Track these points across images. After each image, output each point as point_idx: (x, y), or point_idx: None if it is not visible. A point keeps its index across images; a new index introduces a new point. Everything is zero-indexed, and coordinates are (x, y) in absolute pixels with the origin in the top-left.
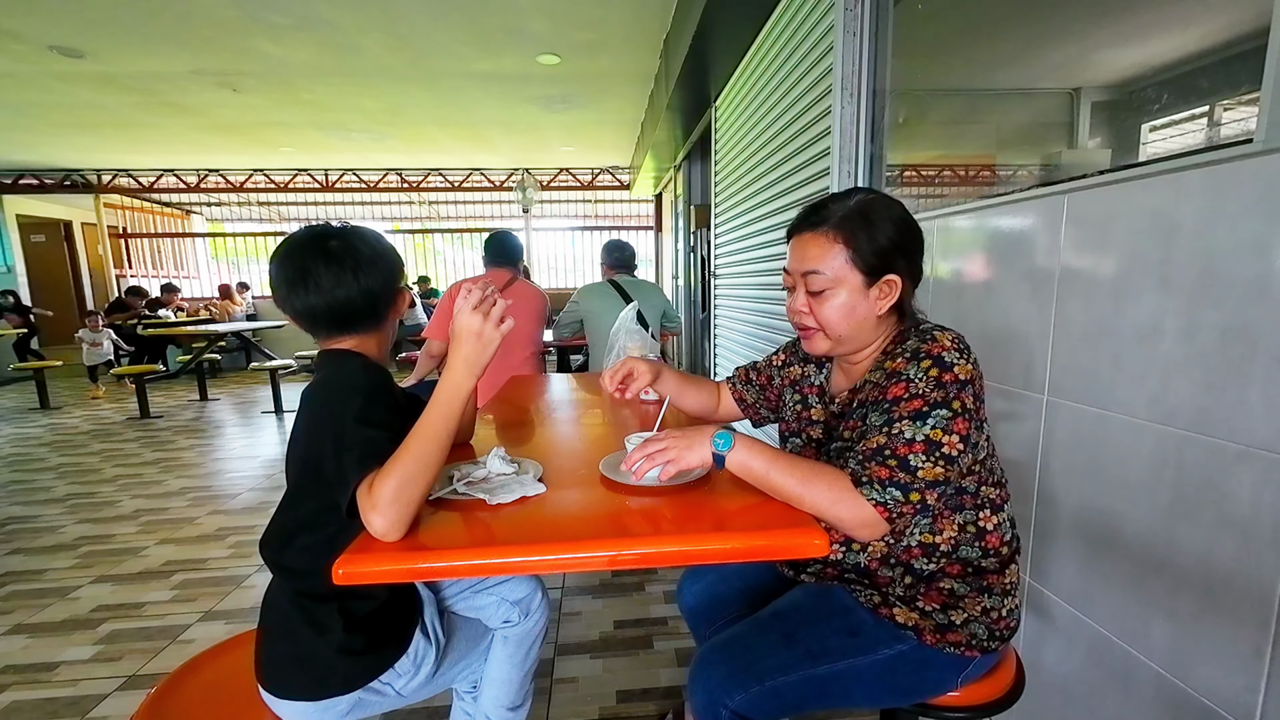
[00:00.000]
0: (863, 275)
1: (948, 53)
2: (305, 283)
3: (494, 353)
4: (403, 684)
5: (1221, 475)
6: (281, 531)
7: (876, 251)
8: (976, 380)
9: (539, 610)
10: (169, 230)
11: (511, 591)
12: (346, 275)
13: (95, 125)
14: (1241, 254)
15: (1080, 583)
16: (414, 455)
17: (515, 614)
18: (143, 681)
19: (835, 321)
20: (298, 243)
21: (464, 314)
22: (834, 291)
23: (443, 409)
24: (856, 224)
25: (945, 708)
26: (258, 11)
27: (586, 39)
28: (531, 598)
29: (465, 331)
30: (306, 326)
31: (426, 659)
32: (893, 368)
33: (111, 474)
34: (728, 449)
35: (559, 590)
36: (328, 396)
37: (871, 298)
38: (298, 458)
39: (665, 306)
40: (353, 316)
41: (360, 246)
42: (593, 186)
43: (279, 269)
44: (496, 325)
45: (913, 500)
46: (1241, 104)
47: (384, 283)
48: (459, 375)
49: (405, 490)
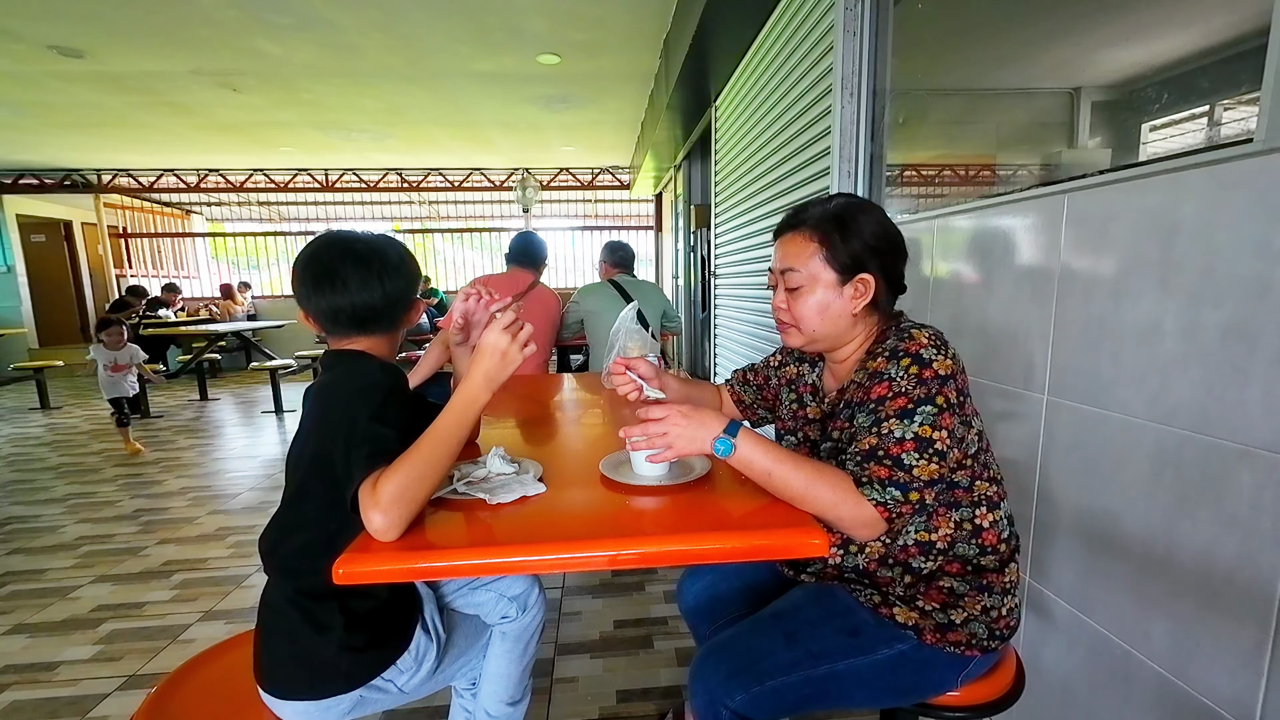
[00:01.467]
0: (836, 274)
1: (948, 52)
2: (333, 282)
3: (510, 374)
4: (404, 680)
5: (1221, 475)
6: (282, 530)
7: (849, 252)
8: (958, 375)
9: (536, 605)
10: (169, 230)
11: (509, 588)
12: (372, 278)
13: (95, 125)
14: (1241, 254)
15: (1080, 582)
16: (423, 458)
17: (513, 609)
18: (143, 681)
19: (808, 317)
20: (326, 244)
21: (494, 332)
22: (809, 289)
23: (457, 417)
24: (832, 225)
25: (945, 707)
26: (258, 11)
27: (586, 39)
28: (529, 593)
29: (492, 349)
30: (325, 325)
31: (428, 655)
32: (874, 368)
33: (111, 474)
34: (729, 452)
35: (559, 590)
36: (345, 393)
37: (845, 296)
38: (305, 455)
39: (665, 306)
40: (373, 318)
41: (388, 252)
42: (593, 186)
43: (306, 267)
44: (521, 348)
45: (912, 500)
46: (1241, 104)
47: (405, 289)
48: (478, 388)
49: (409, 490)
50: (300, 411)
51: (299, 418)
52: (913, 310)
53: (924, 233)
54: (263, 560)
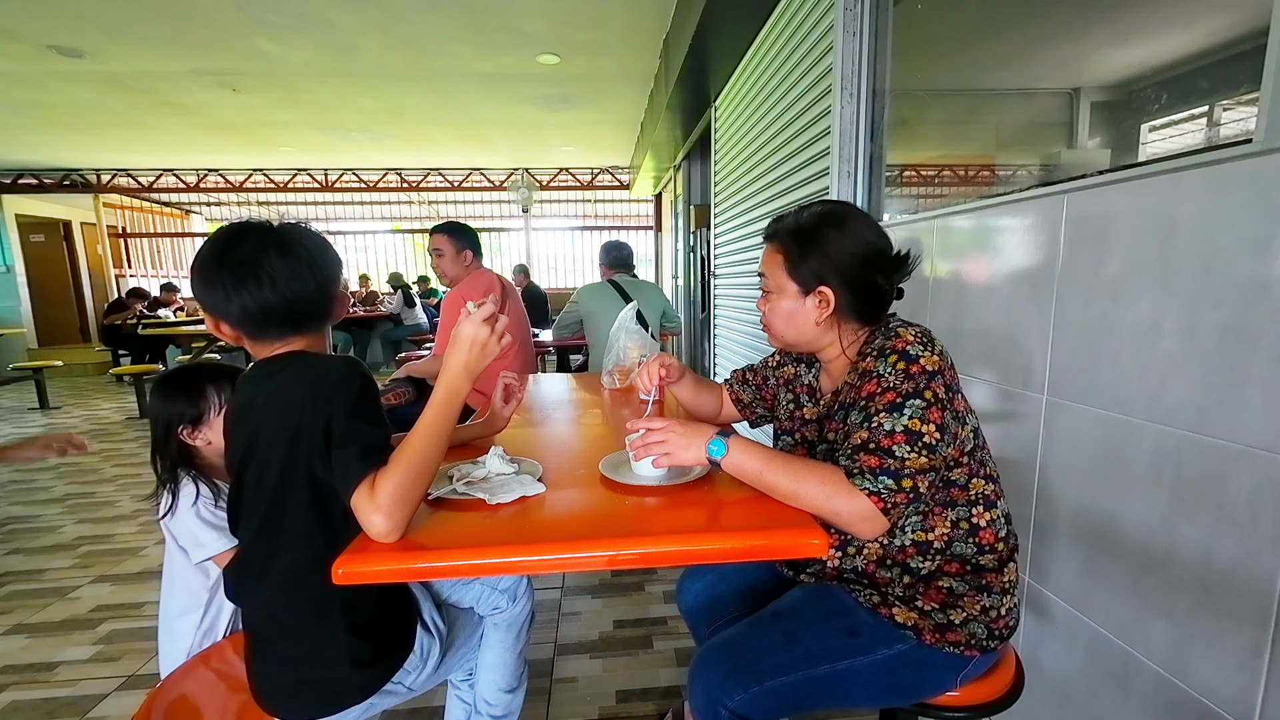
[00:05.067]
0: (797, 286)
1: (947, 52)
2: (258, 276)
3: (487, 364)
4: (413, 680)
5: (1221, 475)
6: (265, 556)
7: (809, 268)
8: (945, 370)
9: (525, 594)
10: (168, 230)
11: (499, 580)
12: (302, 267)
13: (94, 125)
14: (1241, 254)
15: (1080, 582)
16: (418, 455)
17: (504, 600)
18: (143, 681)
19: (777, 324)
20: (238, 234)
21: (471, 324)
22: (777, 297)
23: (442, 409)
24: (793, 240)
25: (945, 707)
26: (258, 11)
27: (586, 39)
28: (518, 584)
29: (471, 340)
30: (251, 329)
31: (432, 652)
32: (864, 367)
33: (111, 474)
34: (722, 454)
35: (558, 590)
36: (305, 395)
37: (809, 306)
38: (269, 475)
39: (665, 306)
40: (309, 312)
41: (310, 238)
42: (592, 186)
43: (218, 265)
44: (499, 339)
45: (905, 487)
46: (1241, 104)
47: (333, 276)
48: (458, 379)
49: (410, 491)
50: (236, 436)
51: (229, 444)
52: (913, 310)
53: (924, 233)
54: (239, 594)
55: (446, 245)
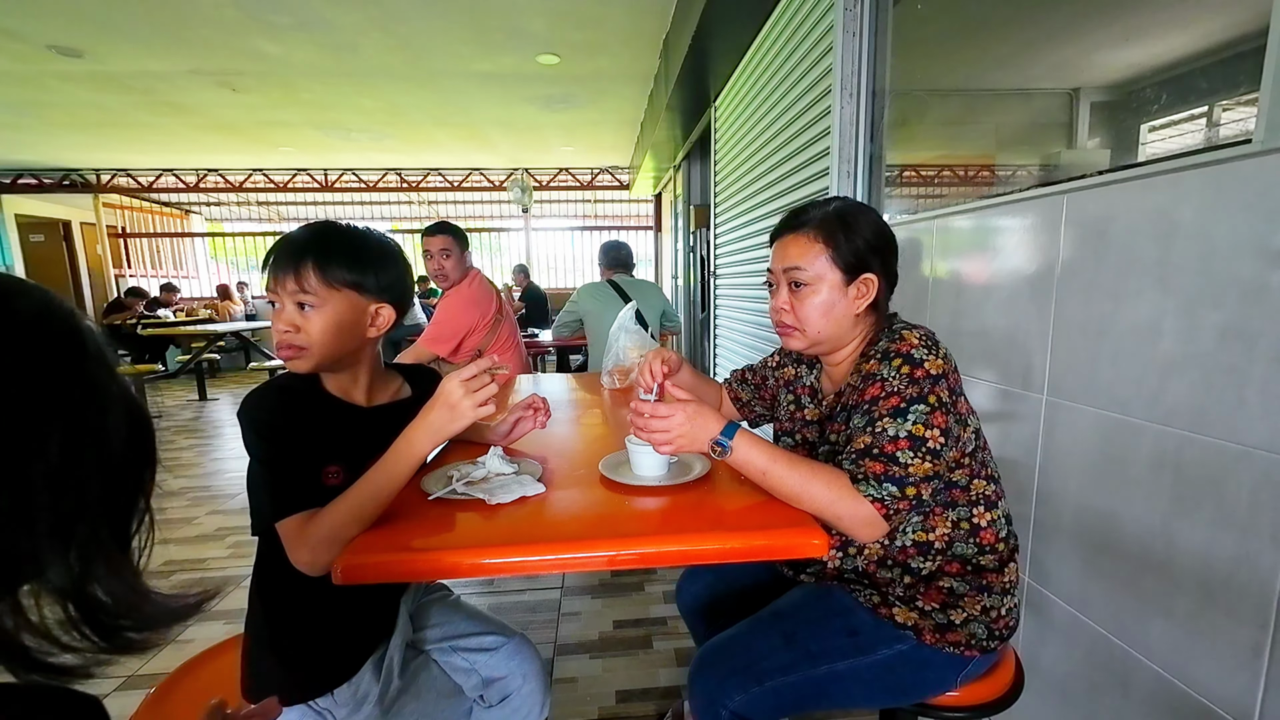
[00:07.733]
0: (841, 273)
1: (947, 53)
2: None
3: (459, 431)
4: (343, 715)
5: (1220, 475)
6: None
7: (854, 251)
8: (950, 374)
9: (523, 697)
10: (168, 230)
11: (488, 665)
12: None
13: (94, 125)
14: (1241, 254)
15: (1079, 582)
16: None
17: (492, 693)
18: (143, 681)
19: (814, 319)
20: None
21: (453, 380)
22: (814, 289)
23: (392, 470)
24: (836, 226)
25: (945, 707)
26: (257, 11)
27: (586, 39)
28: (509, 680)
29: (444, 398)
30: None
31: (369, 697)
32: (868, 370)
33: None
34: (728, 449)
35: (558, 590)
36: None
37: (850, 296)
38: None
39: (664, 306)
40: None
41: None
42: (592, 186)
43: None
44: (475, 406)
45: (908, 495)
46: (1240, 104)
47: None
48: (420, 441)
49: (340, 533)
50: None
51: None
52: (913, 310)
53: (923, 233)
54: None
55: (454, 246)
